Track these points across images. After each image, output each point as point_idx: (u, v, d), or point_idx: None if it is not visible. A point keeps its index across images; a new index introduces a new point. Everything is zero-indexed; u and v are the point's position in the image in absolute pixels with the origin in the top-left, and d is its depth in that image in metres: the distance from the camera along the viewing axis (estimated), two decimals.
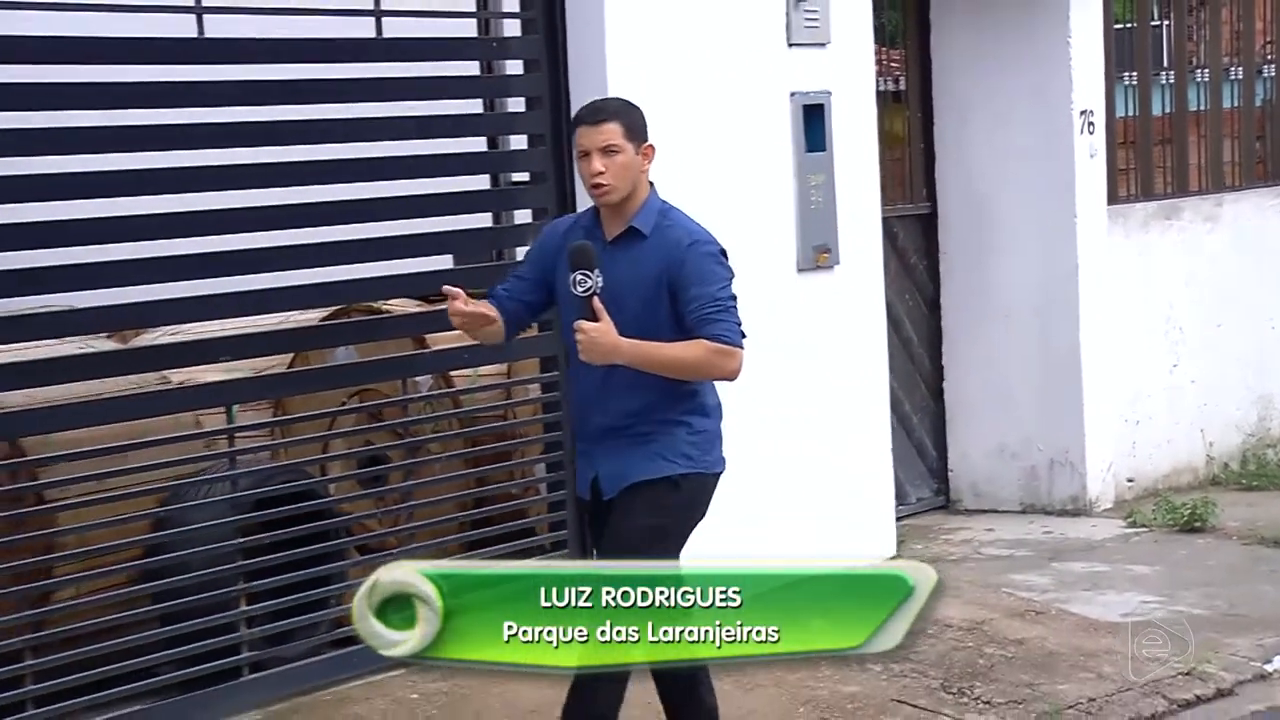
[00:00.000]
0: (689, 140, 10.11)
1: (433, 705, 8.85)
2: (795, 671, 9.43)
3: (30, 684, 8.14)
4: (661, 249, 7.24)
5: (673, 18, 10.13)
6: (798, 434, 10.77)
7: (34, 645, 8.22)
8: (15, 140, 8.29)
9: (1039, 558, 11.94)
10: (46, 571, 8.43)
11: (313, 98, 9.25)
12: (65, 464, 8.47)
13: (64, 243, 8.38)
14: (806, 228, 10.80)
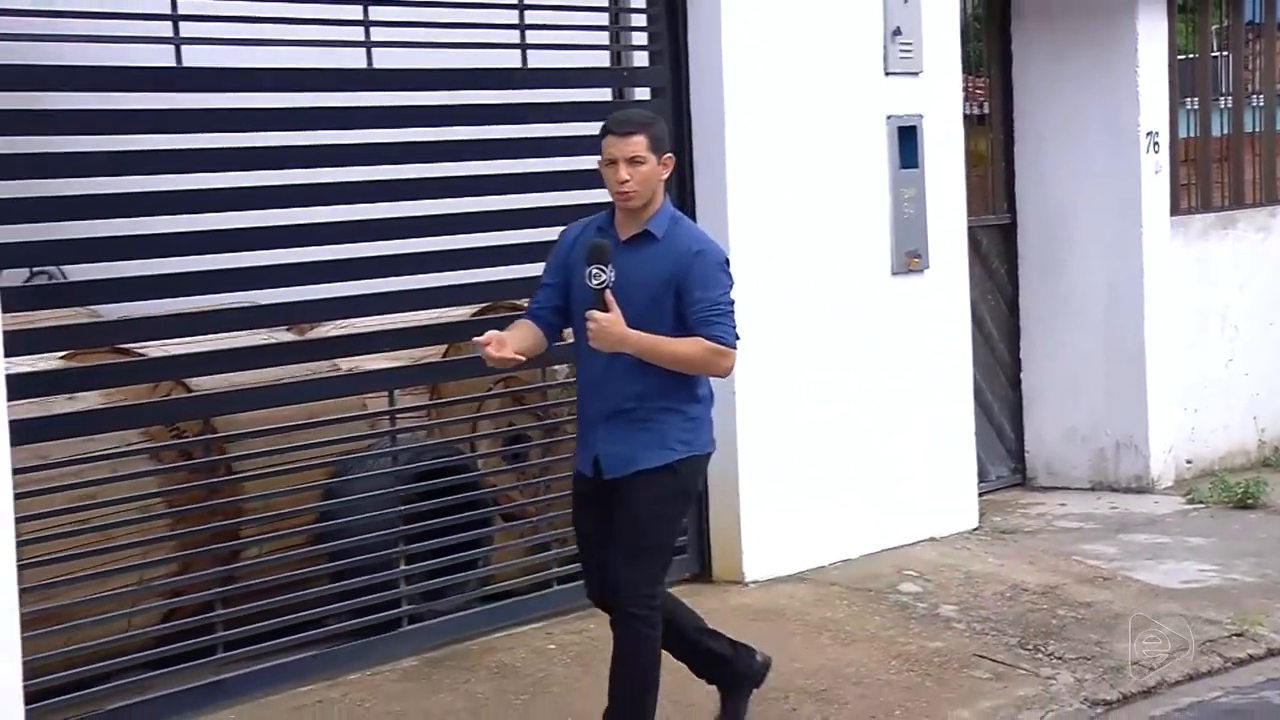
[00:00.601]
0: (797, 157, 10.30)
1: (567, 654, 8.92)
2: (888, 629, 9.51)
3: (221, 630, 8.29)
4: (671, 253, 7.27)
5: (783, 49, 10.17)
6: (891, 418, 10.82)
7: (224, 597, 8.37)
8: (216, 158, 8.41)
9: (1106, 530, 11.92)
10: (234, 533, 8.60)
11: (466, 120, 9.27)
12: (251, 440, 8.65)
13: (251, 246, 8.50)
14: (900, 235, 10.85)
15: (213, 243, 8.39)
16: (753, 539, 10.11)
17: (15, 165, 7.54)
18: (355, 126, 8.86)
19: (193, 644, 8.30)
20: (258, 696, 8.21)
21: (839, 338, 10.55)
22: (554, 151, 9.67)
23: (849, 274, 10.63)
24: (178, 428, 8.65)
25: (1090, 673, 9.07)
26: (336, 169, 8.83)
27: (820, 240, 10.45)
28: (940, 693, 8.74)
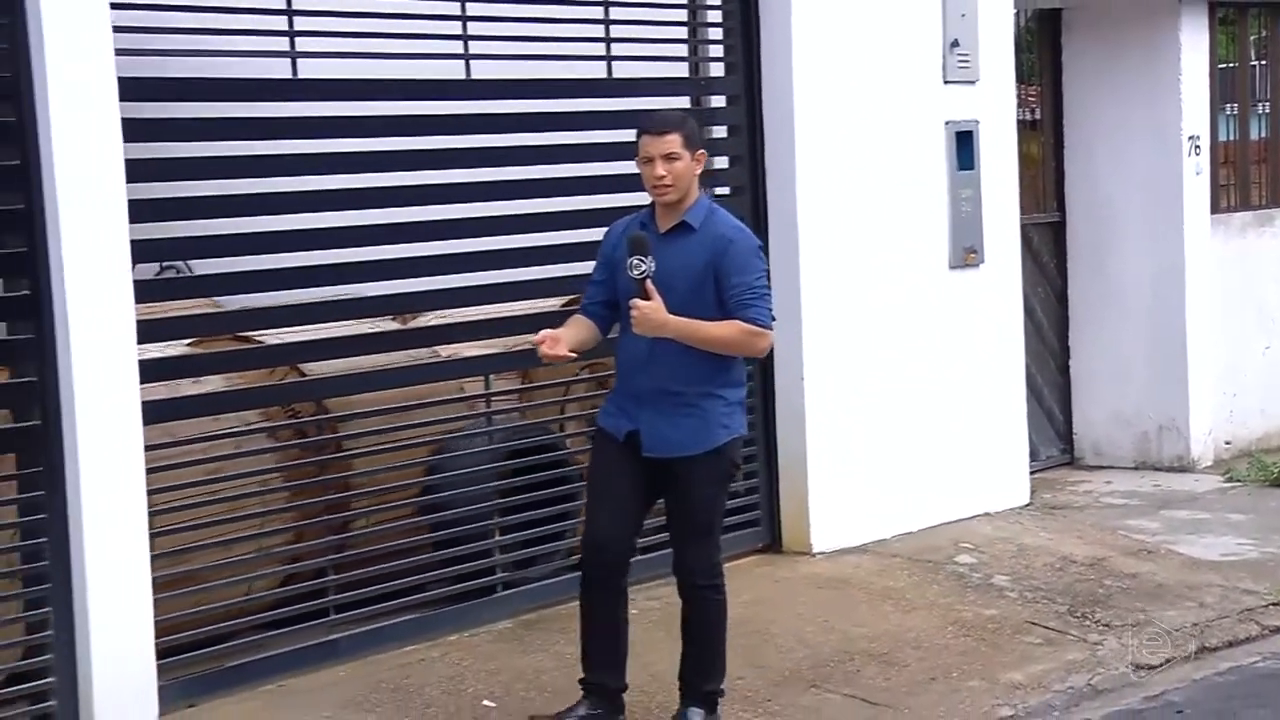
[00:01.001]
0: (861, 160, 10.33)
1: (647, 618, 8.87)
2: (945, 598, 9.55)
3: (332, 594, 8.44)
4: (709, 241, 7.26)
5: (848, 59, 10.20)
6: (948, 402, 10.86)
7: (335, 564, 8.51)
8: (328, 161, 8.51)
9: (1149, 506, 11.98)
10: (345, 506, 8.71)
11: (556, 126, 9.37)
12: (359, 420, 8.76)
13: (359, 243, 8.62)
14: (957, 232, 10.87)
15: (324, 239, 8.55)
16: (820, 513, 10.14)
17: (147, 169, 7.60)
18: (454, 132, 8.95)
19: (307, 607, 8.43)
20: (366, 655, 8.30)
21: (900, 327, 10.59)
22: (633, 156, 9.52)
23: (910, 268, 10.68)
24: (293, 409, 8.73)
25: (1135, 638, 9.08)
26: (437, 171, 8.90)
27: (883, 237, 10.49)
28: (994, 656, 8.76)
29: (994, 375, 11.24)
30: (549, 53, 9.35)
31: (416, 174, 8.82)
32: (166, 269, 8.39)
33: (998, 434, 11.28)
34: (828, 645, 8.80)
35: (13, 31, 7.14)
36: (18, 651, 7.37)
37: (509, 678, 8.16)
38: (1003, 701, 8.22)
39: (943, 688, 8.37)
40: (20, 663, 7.36)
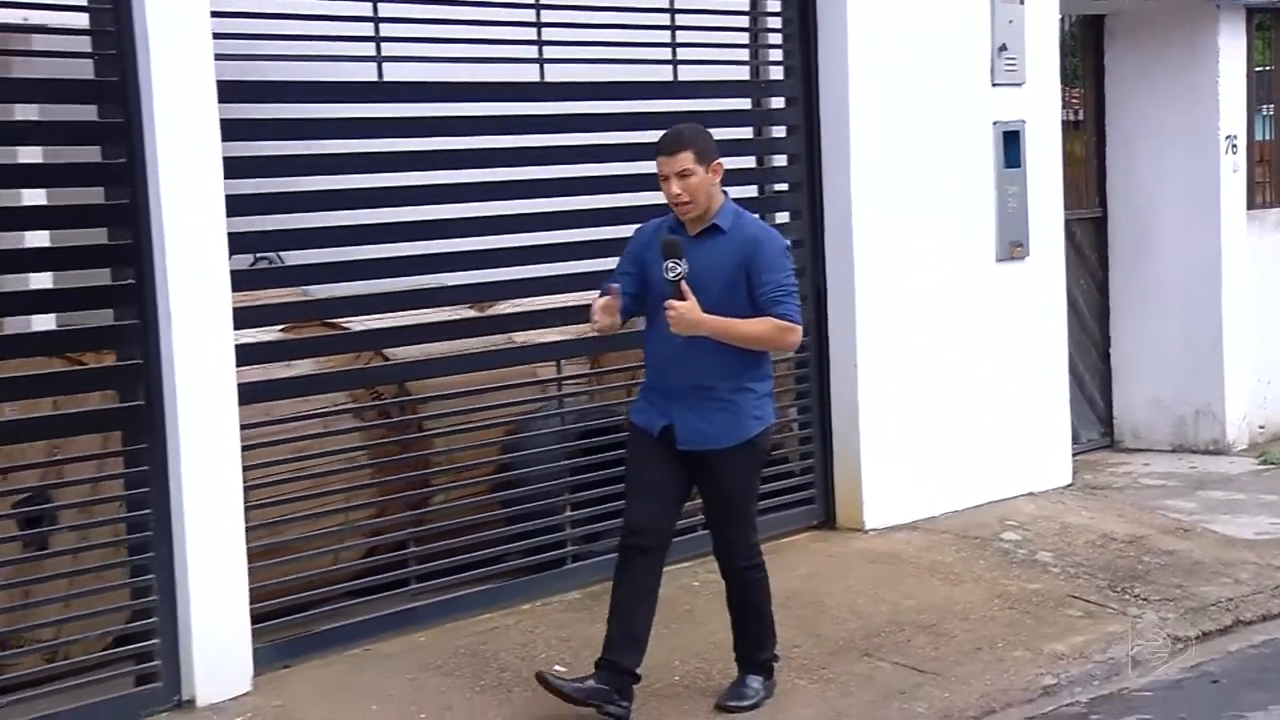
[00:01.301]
0: (913, 158, 10.37)
1: (708, 590, 8.87)
2: (991, 572, 9.57)
3: (413, 565, 8.53)
4: (739, 242, 7.23)
5: (901, 62, 10.23)
6: (994, 387, 10.88)
7: (416, 537, 8.58)
8: (410, 159, 8.58)
9: (1186, 487, 11.94)
10: (425, 482, 8.76)
11: (624, 126, 9.31)
12: (438, 402, 8.84)
13: (439, 236, 8.64)
14: (1004, 227, 10.90)
15: (407, 232, 8.58)
16: (872, 492, 10.18)
17: (243, 166, 7.69)
18: (528, 132, 9.01)
19: (389, 576, 8.53)
20: (444, 622, 8.39)
21: (949, 317, 10.62)
22: None
23: (959, 261, 10.71)
24: (377, 391, 8.80)
25: (1172, 612, 9.12)
26: (513, 169, 8.97)
27: (933, 231, 10.52)
28: (1038, 628, 8.79)
29: (1038, 362, 11.25)
30: (618, 57, 9.33)
31: (493, 171, 8.88)
32: (260, 260, 8.49)
33: (1041, 418, 11.29)
34: (879, 616, 8.84)
35: (120, 39, 7.24)
36: (124, 615, 7.47)
37: (578, 645, 8.16)
38: (1046, 671, 8.24)
39: (988, 657, 8.38)
40: (126, 625, 7.48)
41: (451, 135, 8.77)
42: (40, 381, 7.46)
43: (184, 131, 7.34)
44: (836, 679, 8.03)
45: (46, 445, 7.54)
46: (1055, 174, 11.36)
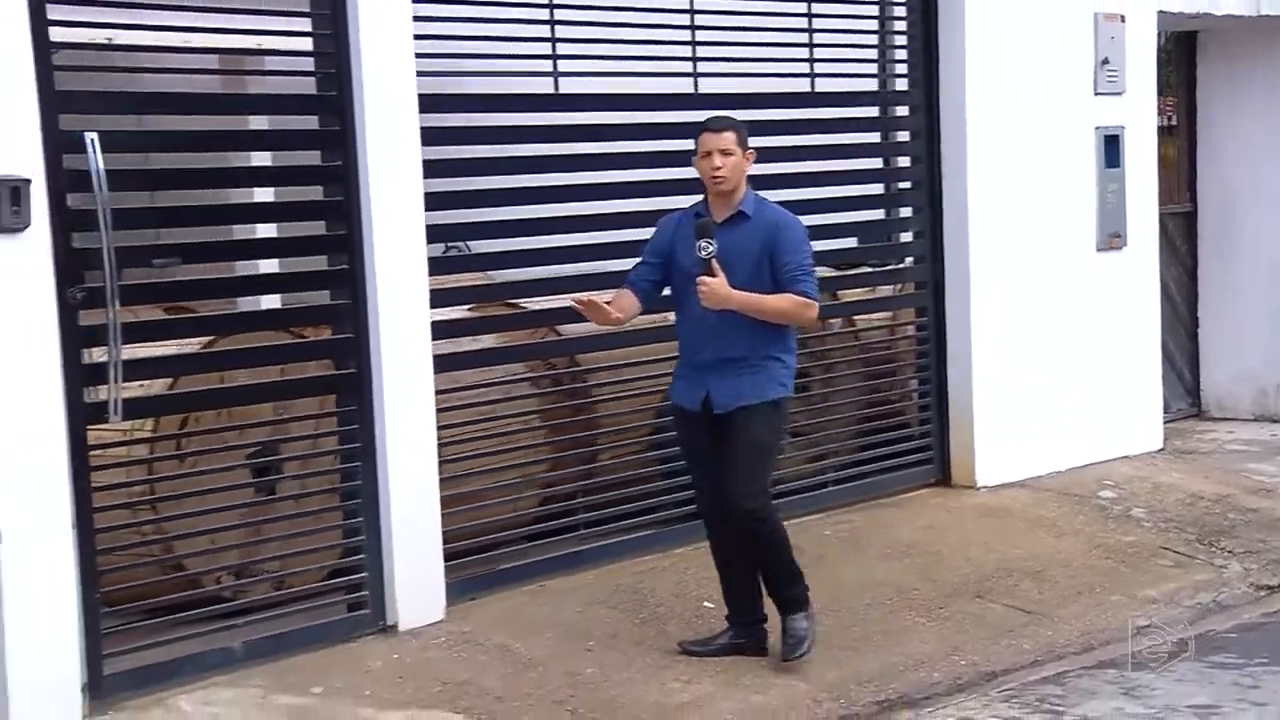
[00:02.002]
0: (1023, 159, 10.39)
1: (838, 538, 9.12)
2: (1090, 526, 9.61)
3: (581, 513, 8.74)
4: (763, 226, 7.18)
5: (1014, 73, 10.26)
6: (1094, 361, 10.90)
7: (584, 488, 8.79)
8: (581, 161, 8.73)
9: (1268, 452, 11.88)
10: (592, 441, 8.92)
11: (768, 132, 9.17)
12: (603, 372, 9.01)
13: (603, 228, 8.76)
14: (1104, 220, 10.93)
15: (576, 225, 8.70)
16: (984, 453, 10.23)
17: (439, 168, 7.87)
18: (683, 137, 8.68)
19: (561, 523, 8.72)
20: (608, 563, 8.53)
21: (1053, 300, 10.65)
22: (832, 156, 9.81)
23: (1062, 250, 10.73)
24: (551, 362, 8.98)
25: (1255, 563, 9.23)
26: (667, 169, 8.89)
27: (1040, 223, 10.56)
28: (1132, 576, 8.90)
29: (1133, 340, 11.26)
30: (762, 71, 9.38)
31: (650, 171, 8.90)
32: (451, 248, 8.68)
33: (1136, 389, 11.29)
34: (989, 564, 8.90)
35: (338, 60, 7.45)
36: (337, 552, 7.73)
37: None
38: (1139, 614, 8.32)
39: (1088, 601, 8.49)
40: (339, 561, 7.72)
41: (615, 140, 8.85)
42: (268, 352, 7.69)
43: (390, 138, 7.53)
44: (952, 618, 8.15)
45: (274, 406, 7.77)
46: (1151, 173, 11.33)
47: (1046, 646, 7.88)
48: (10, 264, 6.42)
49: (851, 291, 10.28)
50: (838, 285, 10.17)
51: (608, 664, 7.31)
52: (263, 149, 8.44)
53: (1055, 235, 10.71)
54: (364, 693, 6.97)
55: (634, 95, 8.86)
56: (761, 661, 7.49)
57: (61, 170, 6.61)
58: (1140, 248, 11.30)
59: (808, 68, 9.69)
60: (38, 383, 6.54)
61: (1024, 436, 10.48)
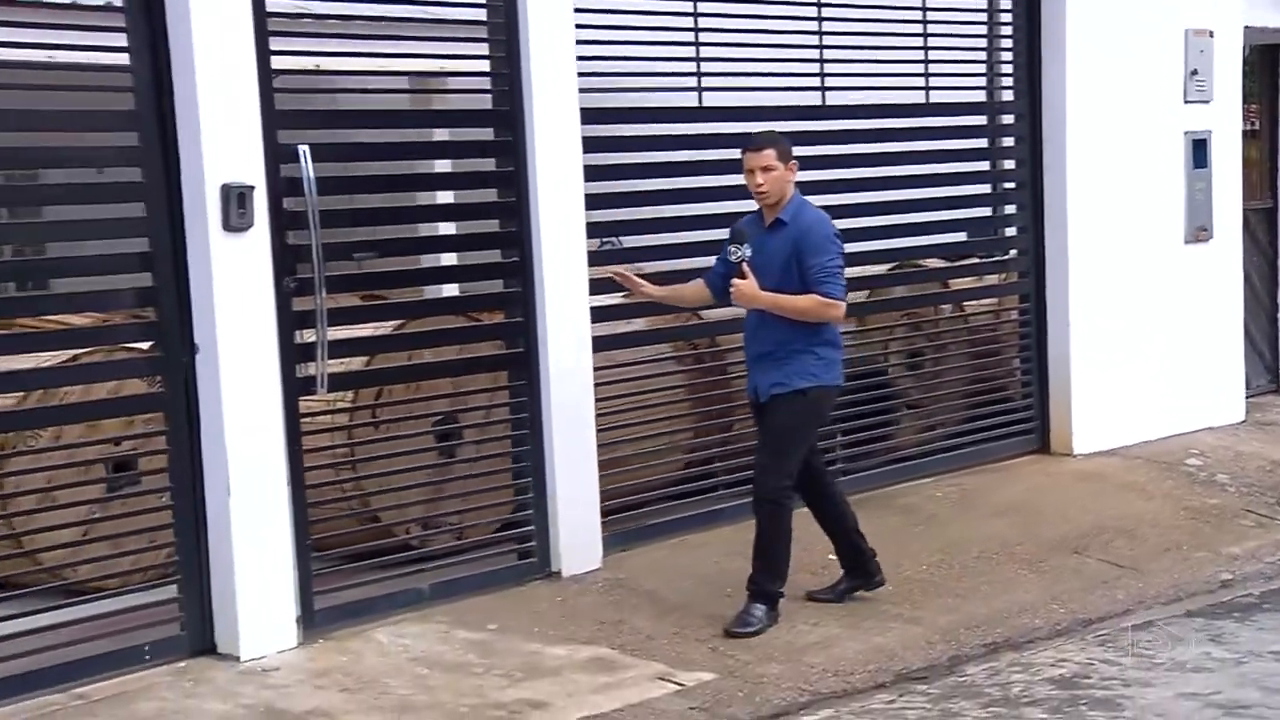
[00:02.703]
0: (1118, 160, 10.34)
1: (948, 500, 9.15)
2: (1177, 490, 9.57)
3: (719, 475, 8.80)
4: (795, 230, 7.02)
5: (1110, 83, 10.18)
6: (1182, 341, 10.79)
7: (721, 454, 8.86)
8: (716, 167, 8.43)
9: None
10: (728, 413, 8.87)
11: (889, 139, 9.45)
12: (739, 352, 8.24)
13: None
14: (1192, 215, 10.80)
15: (716, 222, 8.25)
16: (1080, 424, 10.19)
17: (597, 173, 8.00)
18: (812, 144, 8.82)
19: (701, 484, 8.78)
20: (742, 521, 8.08)
21: (1144, 286, 10.56)
22: (945, 159, 9.85)
23: (1153, 242, 10.64)
24: (693, 343, 8.96)
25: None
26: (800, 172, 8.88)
27: (1133, 218, 10.48)
28: (1216, 534, 8.84)
29: (1217, 323, 11.14)
30: (883, 84, 9.42)
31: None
32: (605, 243, 8.79)
33: (1219, 367, 11.16)
34: (1085, 522, 8.87)
35: (511, 79, 7.64)
36: (508, 508, 7.92)
37: None
38: (1223, 569, 8.30)
39: (1175, 557, 8.46)
40: (510, 515, 7.94)
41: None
42: (449, 334, 7.87)
43: (555, 147, 7.69)
44: (1051, 570, 8.15)
45: (453, 381, 7.90)
46: (1235, 173, 11.18)
47: (1138, 597, 7.86)
48: (237, 258, 6.73)
49: (961, 280, 10.27)
50: (949, 275, 10.18)
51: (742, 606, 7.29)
52: (445, 157, 8.55)
53: (1146, 229, 10.64)
54: (532, 630, 7.16)
55: (767, 108, 8.84)
56: (881, 607, 7.55)
57: (279, 178, 6.89)
58: (1225, 240, 11.16)
59: (923, 81, 9.68)
60: (259, 360, 6.84)
61: (1116, 409, 10.41)
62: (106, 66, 6.68)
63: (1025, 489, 9.51)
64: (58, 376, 7.22)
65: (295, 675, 6.66)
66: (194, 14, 6.60)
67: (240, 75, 6.74)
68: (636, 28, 8.32)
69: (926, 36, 9.73)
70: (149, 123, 6.69)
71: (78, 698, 6.43)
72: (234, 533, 6.79)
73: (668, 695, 6.49)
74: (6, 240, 8.83)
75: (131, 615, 6.79)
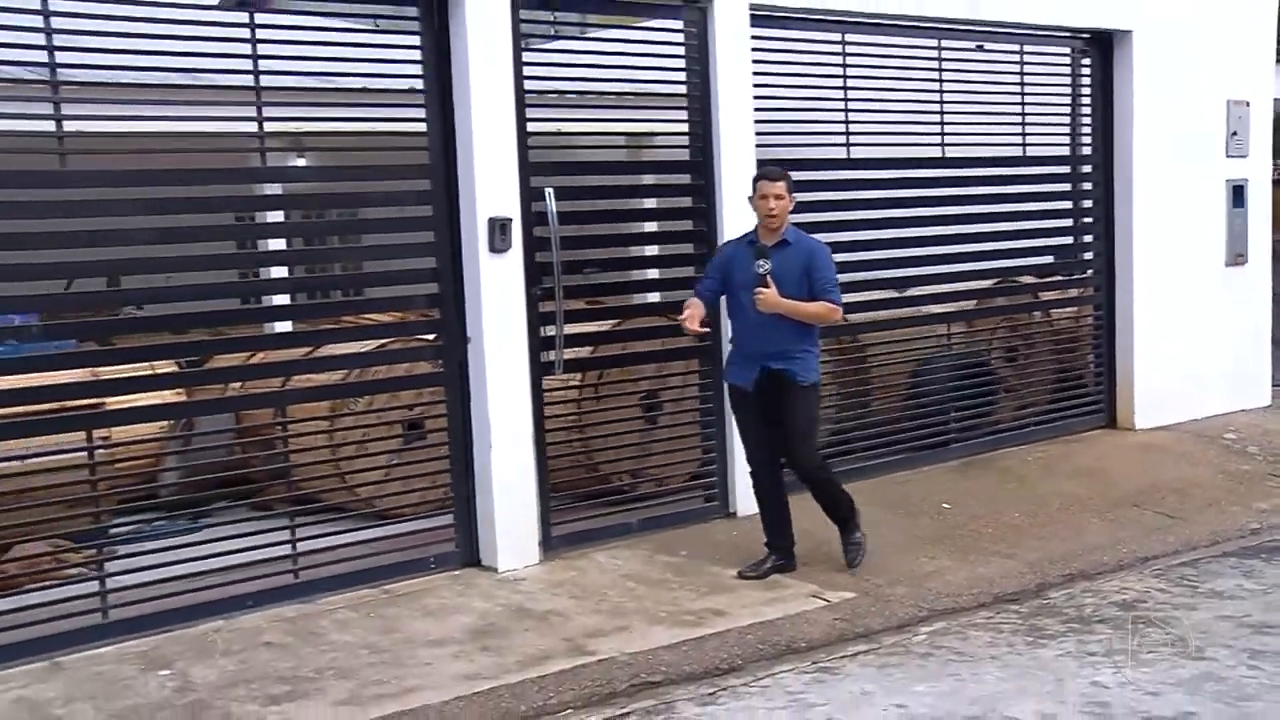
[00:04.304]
0: (1173, 200, 10.08)
1: (1036, 464, 8.93)
2: (1217, 458, 9.35)
3: (859, 441, 8.67)
4: (802, 252, 6.62)
5: (1168, 140, 9.96)
6: (1221, 342, 10.53)
7: (861, 424, 8.67)
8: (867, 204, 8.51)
9: None
10: (868, 392, 8.84)
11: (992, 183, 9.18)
12: (877, 346, 8.85)
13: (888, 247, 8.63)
14: (1231, 244, 10.56)
15: (861, 247, 8.36)
16: (1141, 405, 9.98)
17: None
18: (932, 188, 8.96)
19: (845, 448, 8.57)
20: (878, 476, 8.47)
21: (1193, 300, 10.32)
22: (1037, 199, 9.60)
23: (1201, 265, 10.42)
24: (840, 339, 8.75)
25: None
26: (923, 209, 8.90)
27: (1186, 245, 10.26)
28: (1248, 493, 8.67)
29: (1249, 329, 10.84)
30: (990, 140, 9.25)
31: (909, 210, 8.85)
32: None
33: (1251, 363, 10.86)
34: (1144, 483, 8.75)
35: (704, 138, 7.64)
36: (697, 462, 7.87)
37: (958, 493, 8.32)
38: (1253, 520, 8.14)
39: (1215, 510, 8.31)
40: (699, 468, 7.87)
41: (886, 189, 8.73)
42: (653, 330, 7.79)
43: (737, 188, 7.52)
44: (1117, 519, 8.05)
45: (656, 365, 7.92)
46: (1266, 212, 10.86)
47: (1185, 540, 7.73)
48: (500, 273, 6.87)
49: (1048, 293, 10.08)
50: (1039, 288, 9.99)
51: (877, 542, 7.23)
52: (652, 196, 8.61)
53: (1195, 254, 10.41)
54: (715, 556, 7.17)
55: (900, 158, 8.77)
56: (983, 544, 7.45)
57: (530, 212, 6.99)
58: (1257, 264, 10.82)
59: (1021, 138, 9.53)
60: (513, 348, 6.96)
61: (1169, 394, 10.18)
62: (410, 132, 6.84)
63: (1096, 456, 9.36)
64: (370, 359, 7.42)
65: (537, 585, 6.76)
66: (473, 95, 6.78)
67: (504, 137, 6.86)
68: (798, 96, 8.22)
69: (1024, 104, 9.55)
70: (438, 172, 6.86)
71: (385, 592, 6.69)
72: (494, 476, 6.91)
73: (818, 609, 6.48)
74: (335, 259, 9.12)
75: (420, 535, 6.98)
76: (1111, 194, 10.01)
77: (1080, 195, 10.14)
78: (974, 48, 9.14)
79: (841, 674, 5.74)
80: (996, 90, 9.29)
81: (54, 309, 6.63)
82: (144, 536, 6.94)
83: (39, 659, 5.70)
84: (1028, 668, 5.73)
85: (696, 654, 5.92)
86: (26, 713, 5.26)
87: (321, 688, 5.53)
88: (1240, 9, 10.49)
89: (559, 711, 5.45)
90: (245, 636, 6.07)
